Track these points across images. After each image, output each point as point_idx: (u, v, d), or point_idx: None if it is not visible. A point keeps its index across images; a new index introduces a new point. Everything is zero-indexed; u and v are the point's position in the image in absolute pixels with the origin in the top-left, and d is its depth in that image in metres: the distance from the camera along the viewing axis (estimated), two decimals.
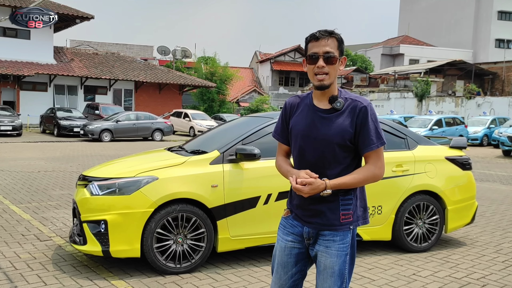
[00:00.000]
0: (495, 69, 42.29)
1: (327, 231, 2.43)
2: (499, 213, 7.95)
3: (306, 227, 2.48)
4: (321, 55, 2.38)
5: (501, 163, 16.86)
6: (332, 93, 2.44)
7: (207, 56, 47.63)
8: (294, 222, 2.52)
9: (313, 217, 2.44)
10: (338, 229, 2.42)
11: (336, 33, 2.42)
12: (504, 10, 56.21)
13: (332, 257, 2.42)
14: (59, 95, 32.13)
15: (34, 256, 5.05)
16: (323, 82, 2.40)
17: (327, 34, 2.39)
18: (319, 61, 2.38)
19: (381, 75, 42.66)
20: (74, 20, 32.87)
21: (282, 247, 2.55)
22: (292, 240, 2.52)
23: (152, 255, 4.50)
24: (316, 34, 2.40)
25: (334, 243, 2.42)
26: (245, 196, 4.76)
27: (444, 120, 25.17)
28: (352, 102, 2.42)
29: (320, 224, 2.43)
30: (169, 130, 25.59)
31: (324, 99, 2.46)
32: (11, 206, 7.47)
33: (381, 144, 2.41)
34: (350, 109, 2.41)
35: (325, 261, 2.43)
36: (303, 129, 2.45)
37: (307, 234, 2.48)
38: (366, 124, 2.39)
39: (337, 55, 2.39)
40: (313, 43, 2.41)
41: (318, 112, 2.45)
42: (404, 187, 5.38)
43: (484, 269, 4.99)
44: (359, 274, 4.76)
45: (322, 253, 2.45)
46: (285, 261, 2.53)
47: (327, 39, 2.38)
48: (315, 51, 2.39)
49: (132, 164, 5.09)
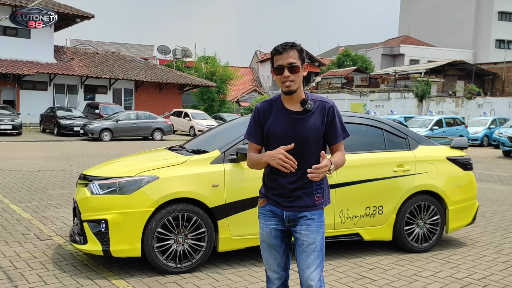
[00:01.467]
0: (496, 70, 42.26)
1: (306, 212, 2.80)
2: (500, 213, 7.95)
3: (285, 211, 2.83)
4: (285, 67, 2.71)
5: (501, 164, 16.86)
6: (300, 97, 2.79)
7: (208, 56, 47.62)
8: (273, 208, 2.87)
9: (293, 202, 2.80)
10: (315, 208, 2.81)
11: (296, 44, 2.77)
12: (505, 10, 56.17)
13: (314, 233, 2.79)
14: (59, 94, 32.11)
15: (34, 255, 5.04)
16: (290, 88, 2.74)
17: (288, 47, 2.73)
18: (285, 72, 2.72)
19: (381, 75, 42.64)
20: (74, 19, 32.83)
21: (268, 232, 2.91)
22: (275, 223, 2.88)
23: (152, 255, 4.50)
24: (278, 48, 2.73)
25: (314, 221, 2.80)
26: (246, 195, 4.75)
27: (445, 120, 25.16)
28: (321, 103, 2.81)
29: (299, 207, 2.80)
30: (169, 130, 25.58)
31: (294, 102, 2.80)
32: (11, 205, 7.46)
33: (346, 136, 2.85)
34: (320, 109, 2.79)
35: (308, 238, 2.79)
36: (281, 130, 2.77)
37: (287, 217, 2.84)
38: (334, 121, 2.81)
39: (299, 64, 2.73)
40: (277, 56, 2.74)
41: (292, 114, 2.79)
42: (405, 187, 5.38)
43: (485, 270, 4.99)
44: (360, 274, 4.75)
45: (304, 231, 2.80)
46: (274, 243, 2.90)
47: (288, 52, 2.72)
48: (280, 64, 2.72)
49: (132, 163, 5.09)
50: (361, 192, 5.19)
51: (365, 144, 5.51)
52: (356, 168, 5.18)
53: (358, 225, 5.21)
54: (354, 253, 5.44)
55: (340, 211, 5.08)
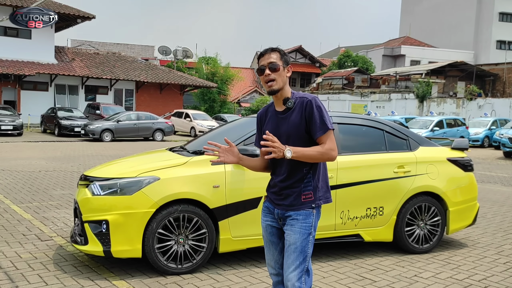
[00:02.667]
0: (496, 71, 42.23)
1: (291, 211, 2.84)
2: (501, 214, 7.94)
3: (276, 209, 2.93)
4: (266, 66, 2.86)
5: (502, 165, 16.85)
6: (285, 96, 2.89)
7: (208, 57, 47.62)
8: (268, 205, 2.99)
9: (282, 200, 2.88)
10: (300, 208, 2.82)
11: (278, 48, 2.92)
12: (506, 11, 56.14)
13: (296, 233, 2.81)
14: (60, 94, 32.14)
15: (35, 256, 5.05)
16: (272, 87, 2.85)
17: (270, 50, 2.90)
18: (266, 70, 2.86)
19: (382, 76, 42.63)
20: (75, 20, 32.87)
21: (264, 227, 3.02)
22: (270, 219, 2.98)
23: (153, 256, 4.50)
24: (262, 52, 2.92)
25: (298, 222, 2.82)
26: (247, 196, 4.76)
27: (445, 121, 25.15)
28: (300, 99, 2.86)
29: (286, 206, 2.86)
30: (170, 130, 25.59)
31: (281, 102, 2.91)
32: (12, 205, 7.47)
33: (325, 130, 2.77)
34: (299, 105, 2.85)
35: (289, 238, 2.83)
36: (271, 132, 2.84)
37: (277, 215, 2.93)
38: (312, 115, 2.80)
39: (280, 64, 2.85)
40: (260, 58, 2.92)
41: (278, 114, 2.92)
42: (406, 188, 5.38)
43: (485, 271, 4.99)
44: (360, 275, 4.75)
45: (288, 231, 2.85)
46: (270, 239, 2.99)
47: (270, 53, 2.88)
48: (262, 64, 2.89)
49: (133, 164, 5.09)
50: (362, 193, 5.19)
51: (366, 145, 5.52)
52: (356, 169, 5.19)
53: (359, 226, 5.21)
54: (355, 254, 5.44)
55: (340, 212, 5.08)
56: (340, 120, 5.37)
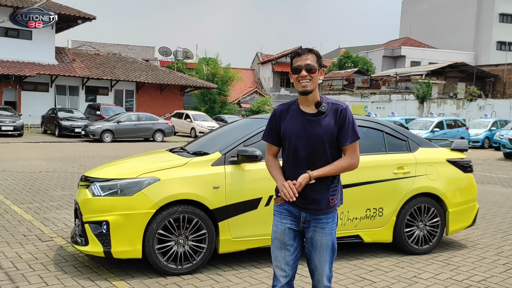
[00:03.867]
0: (497, 72, 42.24)
1: (322, 215, 2.94)
2: (500, 215, 7.95)
3: (303, 212, 2.95)
4: (303, 67, 2.89)
5: (502, 166, 16.85)
6: (315, 99, 2.94)
7: (209, 57, 47.64)
8: (290, 208, 2.97)
9: (310, 204, 2.92)
10: (329, 212, 2.95)
11: (314, 50, 2.96)
12: (506, 12, 56.17)
13: (327, 235, 2.95)
14: (60, 95, 32.17)
15: (36, 256, 5.06)
16: (306, 88, 2.90)
17: (307, 51, 2.94)
18: (302, 71, 2.89)
19: (382, 77, 42.66)
20: (76, 21, 32.90)
21: (282, 230, 2.99)
22: (290, 222, 2.98)
23: (153, 256, 4.51)
24: (298, 51, 2.94)
25: (328, 224, 2.96)
26: (247, 197, 4.77)
27: (445, 122, 25.15)
28: (333, 106, 2.95)
29: (316, 210, 2.93)
30: (170, 131, 25.61)
31: (309, 104, 2.95)
32: (13, 206, 7.48)
33: (356, 139, 2.93)
34: (333, 112, 2.93)
35: (321, 240, 2.95)
36: (296, 131, 2.92)
37: (303, 218, 2.96)
38: (345, 123, 2.92)
39: (316, 67, 2.91)
40: (296, 58, 2.94)
41: (306, 116, 2.94)
42: (405, 189, 5.39)
43: (485, 272, 5.00)
44: (360, 276, 4.76)
45: (318, 233, 2.95)
46: (286, 241, 2.98)
47: (307, 54, 2.92)
48: (299, 64, 2.91)
49: (134, 165, 5.10)
50: (361, 194, 5.20)
51: (366, 146, 5.51)
52: (356, 170, 5.15)
53: (359, 227, 5.23)
54: (354, 255, 5.45)
55: (340, 213, 5.09)
56: None
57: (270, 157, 3.09)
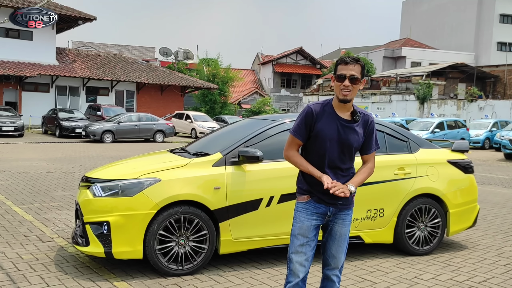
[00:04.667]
0: (497, 72, 42.22)
1: (345, 209, 3.20)
2: (501, 216, 7.95)
3: (330, 207, 3.15)
4: (347, 77, 3.00)
5: (502, 166, 16.85)
6: (350, 107, 3.11)
7: (209, 58, 47.66)
8: (317, 204, 3.15)
9: (337, 199, 3.12)
10: (351, 206, 3.24)
11: (361, 61, 3.06)
12: (506, 13, 56.16)
13: (346, 226, 3.23)
14: (61, 96, 32.19)
15: (37, 257, 5.06)
16: (346, 97, 3.03)
17: (354, 61, 3.02)
18: (346, 81, 3.00)
19: (383, 78, 42.64)
20: (77, 21, 32.94)
21: (308, 226, 3.14)
22: (316, 218, 3.16)
23: (154, 257, 4.51)
24: (346, 59, 3.03)
25: (348, 216, 3.23)
26: (248, 198, 4.77)
27: (446, 123, 25.15)
28: (364, 117, 3.16)
29: (342, 205, 3.16)
30: (171, 132, 25.61)
31: (345, 110, 3.11)
32: (13, 207, 7.48)
33: (377, 148, 3.27)
34: (363, 122, 3.15)
35: (341, 230, 3.21)
36: (331, 134, 3.07)
37: (330, 212, 3.17)
38: (372, 134, 3.20)
39: (359, 78, 3.03)
40: (342, 66, 3.03)
41: (342, 121, 3.10)
42: (406, 190, 5.39)
43: (485, 273, 4.99)
44: (360, 277, 4.76)
45: (339, 225, 3.20)
46: (310, 237, 3.14)
47: (354, 65, 3.01)
48: (343, 73, 3.01)
49: (134, 165, 5.10)
50: (362, 195, 5.18)
51: None
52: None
53: (359, 228, 5.22)
54: (355, 255, 5.45)
55: None
56: None
57: (295, 152, 3.20)
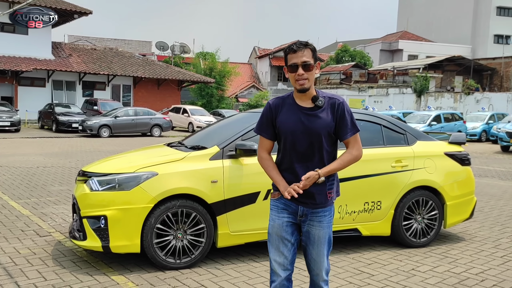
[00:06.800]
0: (494, 65, 42.25)
1: (319, 209, 2.91)
2: (498, 208, 7.98)
3: (300, 206, 2.91)
4: (300, 65, 2.80)
5: (499, 159, 16.89)
6: (312, 94, 2.89)
7: (206, 52, 47.50)
8: (288, 202, 2.93)
9: (307, 198, 2.88)
10: (326, 205, 2.93)
11: (310, 44, 2.86)
12: (503, 5, 56.11)
13: (325, 228, 2.94)
14: (57, 90, 32.04)
15: (34, 251, 5.06)
16: (304, 86, 2.83)
17: (302, 46, 2.82)
18: (299, 70, 2.81)
19: (380, 71, 42.64)
20: (72, 16, 32.73)
21: (280, 224, 2.96)
22: (287, 216, 2.95)
23: (152, 251, 4.51)
24: (293, 47, 2.82)
25: (325, 217, 2.94)
26: (245, 191, 4.77)
27: (443, 115, 25.18)
28: (331, 100, 2.91)
29: (313, 204, 2.90)
30: (168, 126, 25.56)
31: (306, 99, 2.89)
32: (10, 201, 7.46)
33: (356, 131, 2.92)
34: (330, 106, 2.89)
35: (319, 233, 2.93)
36: (293, 126, 2.86)
37: (301, 212, 2.93)
38: (344, 117, 2.89)
39: (312, 63, 2.82)
40: (292, 54, 2.83)
41: (303, 110, 2.88)
42: (403, 183, 5.39)
43: (482, 264, 5.01)
44: (358, 269, 4.78)
45: (316, 227, 2.93)
46: (285, 237, 2.95)
47: (303, 51, 2.81)
48: (295, 62, 2.81)
49: (131, 159, 5.09)
50: (359, 188, 5.20)
51: (364, 140, 5.45)
52: (355, 163, 5.18)
53: (357, 221, 5.23)
54: (353, 248, 5.46)
55: (338, 207, 5.09)
56: None
57: (265, 154, 3.01)
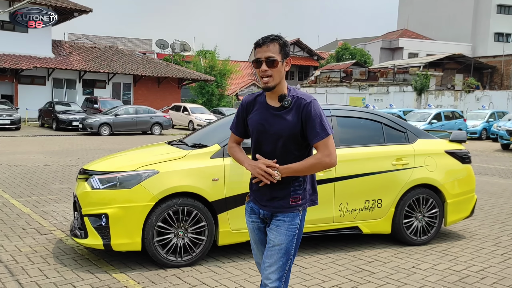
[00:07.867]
0: (494, 63, 42.22)
1: (279, 213, 2.73)
2: (498, 206, 7.98)
3: (261, 209, 2.79)
4: (263, 60, 2.62)
5: (499, 157, 16.90)
6: (280, 92, 2.68)
7: (206, 50, 47.47)
8: (254, 205, 2.85)
9: (268, 201, 2.74)
10: (287, 211, 2.71)
11: (278, 37, 2.64)
12: (504, 3, 56.04)
13: (281, 235, 2.70)
14: (57, 89, 32.03)
15: (35, 249, 5.07)
16: (267, 84, 2.64)
17: (269, 41, 2.62)
18: (262, 65, 2.62)
19: (380, 69, 42.60)
20: (72, 14, 32.68)
21: (251, 228, 2.91)
22: (255, 220, 2.86)
23: (153, 249, 4.52)
24: (259, 41, 2.64)
25: (284, 223, 2.71)
26: (246, 189, 4.70)
27: (443, 114, 25.16)
28: (298, 100, 2.66)
29: (272, 207, 2.74)
30: (168, 124, 25.55)
31: (275, 97, 2.70)
32: (11, 200, 7.47)
33: (325, 135, 2.62)
34: (296, 106, 2.65)
35: (274, 239, 2.71)
36: (258, 125, 2.72)
37: (262, 215, 2.80)
38: (310, 119, 2.62)
39: (278, 59, 2.61)
40: (257, 49, 2.65)
41: (270, 109, 2.71)
42: (404, 181, 5.40)
43: (483, 262, 5.02)
44: (359, 267, 4.78)
45: (273, 231, 2.73)
46: (258, 238, 2.90)
47: (268, 45, 2.61)
48: (258, 57, 2.63)
49: (132, 157, 5.10)
50: (360, 186, 5.21)
51: (364, 138, 5.53)
52: (355, 161, 5.21)
53: (357, 219, 5.24)
54: (353, 246, 5.47)
55: (339, 205, 5.10)
56: (338, 113, 5.38)
57: (233, 143, 2.93)
